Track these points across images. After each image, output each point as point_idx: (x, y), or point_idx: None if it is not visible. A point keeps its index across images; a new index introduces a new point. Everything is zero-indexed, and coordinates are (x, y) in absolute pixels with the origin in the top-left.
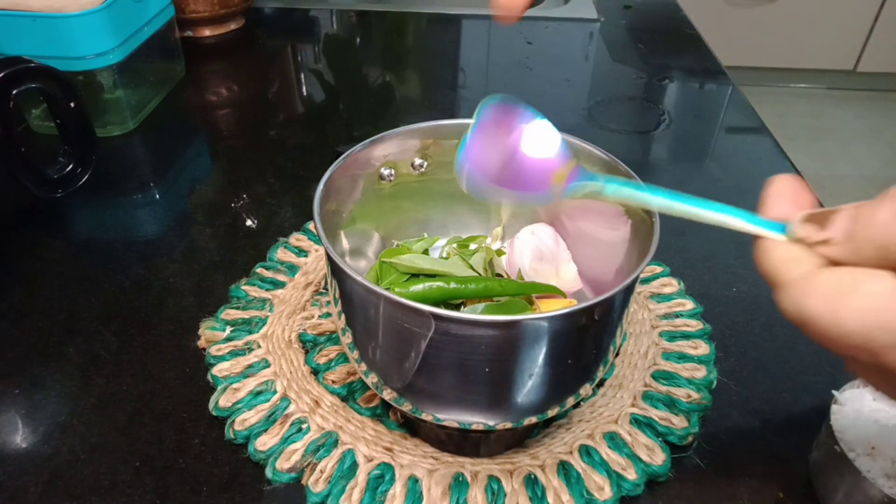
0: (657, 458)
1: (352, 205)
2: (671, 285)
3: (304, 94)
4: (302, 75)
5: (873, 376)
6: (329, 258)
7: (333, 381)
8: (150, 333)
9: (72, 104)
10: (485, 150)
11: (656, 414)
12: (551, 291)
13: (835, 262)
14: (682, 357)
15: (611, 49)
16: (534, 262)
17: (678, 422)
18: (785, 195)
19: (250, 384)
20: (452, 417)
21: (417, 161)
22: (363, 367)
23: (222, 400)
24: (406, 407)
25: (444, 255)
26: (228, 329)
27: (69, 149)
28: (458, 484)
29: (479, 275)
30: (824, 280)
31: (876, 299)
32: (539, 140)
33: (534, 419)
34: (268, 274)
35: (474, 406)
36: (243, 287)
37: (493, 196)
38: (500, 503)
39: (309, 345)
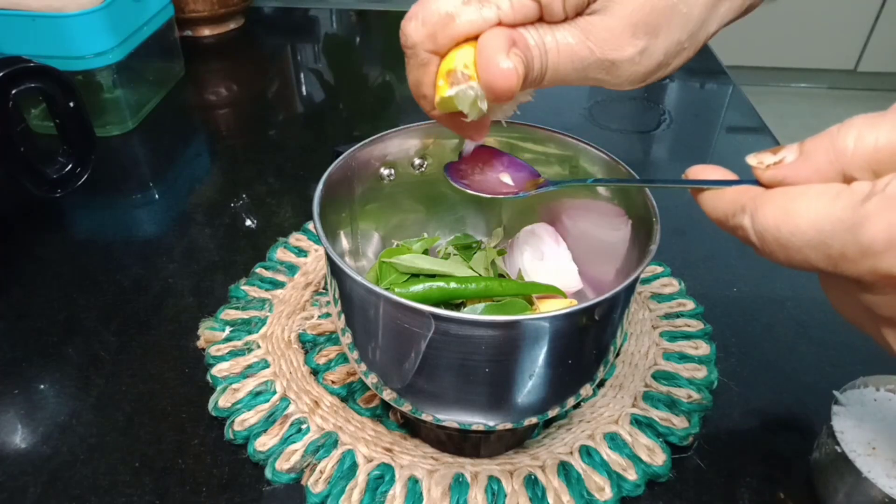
0: (658, 458)
1: (352, 205)
2: (672, 285)
3: (304, 93)
4: (302, 75)
5: (836, 292)
6: (329, 258)
7: (333, 382)
8: (149, 334)
9: (71, 104)
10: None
11: (657, 414)
12: (551, 291)
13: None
14: (683, 357)
15: None
16: (534, 262)
17: (679, 422)
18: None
19: (250, 384)
20: (452, 418)
21: (417, 161)
22: (363, 367)
23: (222, 400)
24: (406, 407)
25: (444, 255)
26: (228, 329)
27: (68, 148)
28: (459, 484)
29: (479, 275)
30: (776, 192)
31: (824, 198)
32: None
33: (534, 420)
34: (267, 274)
35: (474, 406)
36: (243, 287)
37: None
38: None
39: (308, 345)
